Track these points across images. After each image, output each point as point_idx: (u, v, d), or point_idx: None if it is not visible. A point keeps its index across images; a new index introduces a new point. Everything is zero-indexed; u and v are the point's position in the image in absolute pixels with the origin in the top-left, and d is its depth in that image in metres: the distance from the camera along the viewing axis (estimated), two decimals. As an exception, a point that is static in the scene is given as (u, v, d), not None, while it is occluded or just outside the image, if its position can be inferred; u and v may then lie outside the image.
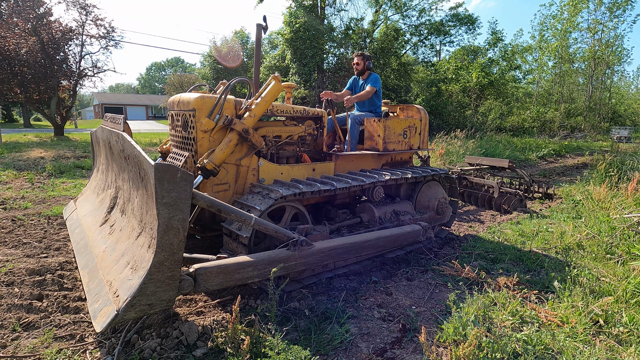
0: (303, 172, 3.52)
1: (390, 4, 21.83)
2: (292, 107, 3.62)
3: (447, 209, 4.43)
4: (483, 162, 7.76)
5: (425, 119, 4.53)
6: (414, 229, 3.61)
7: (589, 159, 13.83)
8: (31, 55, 14.11)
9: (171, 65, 75.39)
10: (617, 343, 2.44)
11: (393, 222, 3.81)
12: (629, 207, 5.11)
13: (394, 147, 4.21)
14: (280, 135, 3.59)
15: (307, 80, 17.71)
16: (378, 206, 3.86)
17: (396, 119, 4.22)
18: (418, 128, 4.45)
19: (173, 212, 1.87)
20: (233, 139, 2.96)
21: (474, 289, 3.17)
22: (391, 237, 3.40)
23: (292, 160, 3.74)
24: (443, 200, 4.34)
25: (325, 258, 2.85)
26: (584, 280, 3.26)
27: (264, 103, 3.11)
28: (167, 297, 1.97)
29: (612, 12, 29.19)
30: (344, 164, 3.92)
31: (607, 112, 33.92)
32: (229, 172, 3.09)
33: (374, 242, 3.23)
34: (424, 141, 4.56)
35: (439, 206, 4.30)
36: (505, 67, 23.22)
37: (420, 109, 4.55)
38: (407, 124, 4.31)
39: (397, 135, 4.20)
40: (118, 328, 2.50)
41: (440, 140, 12.96)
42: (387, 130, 4.11)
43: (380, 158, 4.31)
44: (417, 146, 4.48)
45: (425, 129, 4.56)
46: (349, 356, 2.31)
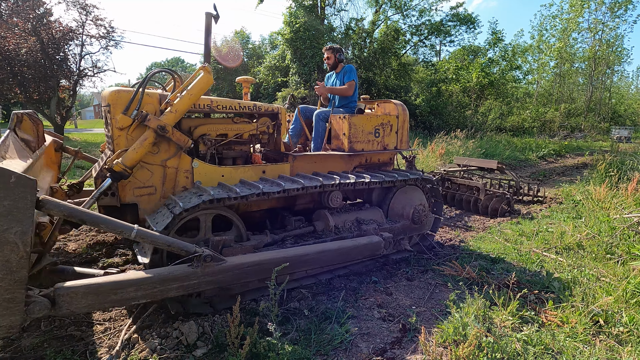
0: (250, 174, 3.18)
1: (390, 4, 21.84)
2: (239, 102, 3.24)
3: (427, 218, 3.99)
4: (471, 163, 7.36)
5: (403, 116, 4.01)
6: (371, 241, 3.15)
7: (589, 159, 13.83)
8: (31, 55, 14.10)
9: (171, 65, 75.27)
10: (617, 343, 2.44)
11: (353, 231, 3.42)
12: (629, 207, 5.11)
13: (362, 147, 3.74)
14: (227, 134, 3.24)
15: (307, 80, 17.71)
16: (336, 213, 3.50)
17: (365, 116, 3.78)
18: (394, 126, 3.95)
19: (8, 223, 1.60)
20: (149, 137, 2.62)
21: (474, 289, 3.17)
22: (340, 250, 2.96)
23: (240, 161, 3.40)
24: (420, 207, 3.87)
25: (243, 275, 2.46)
26: (584, 280, 3.26)
27: (189, 97, 2.74)
28: (8, 323, 1.68)
29: (613, 11, 29.20)
30: (305, 165, 3.54)
31: (607, 112, 33.92)
32: (154, 174, 2.79)
33: (314, 257, 2.81)
34: (402, 140, 4.06)
35: (415, 214, 3.83)
36: (505, 67, 23.23)
37: (399, 104, 4.05)
38: (379, 121, 3.83)
39: (367, 134, 3.75)
40: (119, 328, 2.50)
41: (440, 140, 12.96)
42: (353, 128, 3.66)
43: (350, 159, 3.87)
44: (393, 146, 3.99)
45: (404, 126, 4.05)
46: (349, 356, 2.31)
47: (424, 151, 10.96)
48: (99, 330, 2.47)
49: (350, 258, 3.13)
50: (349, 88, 4.09)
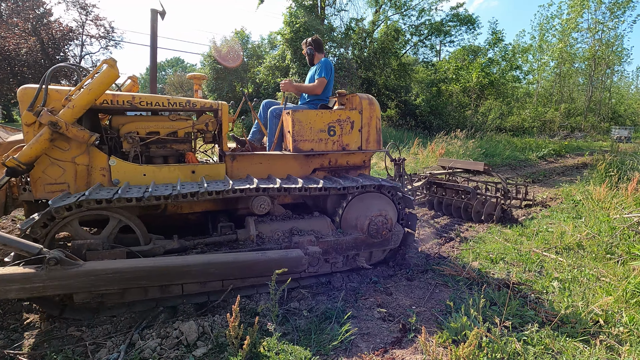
0: (177, 174, 3.02)
1: (390, 4, 21.85)
2: (168, 98, 3.08)
3: (391, 231, 3.45)
4: (456, 165, 6.87)
5: (370, 112, 3.57)
6: (286, 256, 2.79)
7: (589, 159, 13.83)
8: (31, 55, 14.12)
9: (171, 65, 75.36)
10: (617, 343, 2.44)
11: (281, 243, 3.06)
12: (629, 207, 5.11)
13: (312, 147, 3.37)
14: (158, 132, 3.12)
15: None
16: (267, 222, 3.17)
17: (314, 111, 3.42)
18: (357, 123, 3.51)
19: None
20: (44, 134, 2.56)
21: (474, 289, 3.17)
22: (236, 263, 2.65)
23: (171, 160, 3.26)
24: (379, 219, 3.34)
25: (100, 283, 2.33)
26: (584, 280, 3.27)
27: (88, 93, 2.63)
28: None
29: (613, 12, 29.23)
30: (247, 166, 3.30)
31: (607, 112, 33.95)
32: (66, 171, 2.76)
33: (200, 268, 2.54)
34: (369, 140, 3.60)
35: (372, 226, 3.31)
36: (505, 67, 23.24)
37: (364, 98, 3.59)
38: (334, 117, 3.42)
39: (317, 132, 3.37)
40: (119, 328, 2.51)
41: (440, 140, 12.97)
42: (298, 125, 3.29)
43: (307, 161, 3.52)
44: (355, 146, 3.55)
45: (372, 124, 3.59)
46: (349, 356, 2.31)
47: (424, 151, 10.97)
48: (99, 330, 2.47)
49: (255, 273, 2.77)
50: (317, 86, 3.77)
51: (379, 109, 3.66)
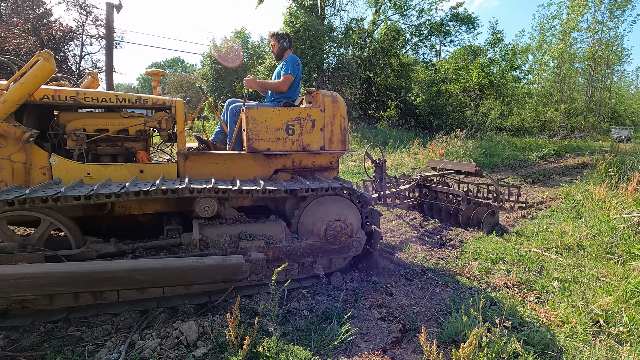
0: (124, 173, 2.89)
1: (390, 4, 21.85)
2: (116, 94, 2.94)
3: (351, 237, 3.21)
4: (447, 166, 6.59)
5: (333, 110, 3.34)
6: (224, 262, 2.60)
7: (589, 159, 13.83)
8: (31, 55, 14.10)
9: (171, 65, 75.44)
10: (617, 343, 2.44)
11: (228, 248, 2.87)
12: (629, 207, 5.11)
13: (268, 147, 3.16)
14: (107, 129, 3.00)
15: (307, 80, 17.72)
16: (214, 225, 2.99)
17: (270, 109, 3.21)
18: (318, 121, 3.29)
19: None
20: None
21: (474, 289, 3.17)
22: (167, 270, 2.45)
23: (121, 159, 3.14)
24: (337, 223, 3.12)
25: (13, 288, 2.22)
26: (584, 280, 3.27)
27: (20, 87, 2.53)
28: None
29: (612, 12, 29.24)
30: (202, 166, 3.14)
31: (607, 112, 33.97)
32: (3, 169, 2.69)
33: (124, 275, 2.37)
34: (333, 140, 3.38)
35: (329, 231, 3.10)
36: (505, 66, 23.25)
37: (328, 95, 3.37)
38: (292, 115, 3.21)
39: (274, 131, 3.16)
40: (119, 328, 2.51)
41: (440, 140, 12.97)
42: (252, 123, 3.10)
43: (268, 161, 3.33)
44: (317, 146, 3.32)
45: (335, 123, 3.36)
46: (349, 356, 2.31)
47: (424, 151, 10.97)
48: (100, 330, 2.47)
49: (190, 280, 2.61)
50: (282, 83, 3.59)
51: (344, 107, 3.42)
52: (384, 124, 19.59)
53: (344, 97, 18.23)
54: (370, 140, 14.19)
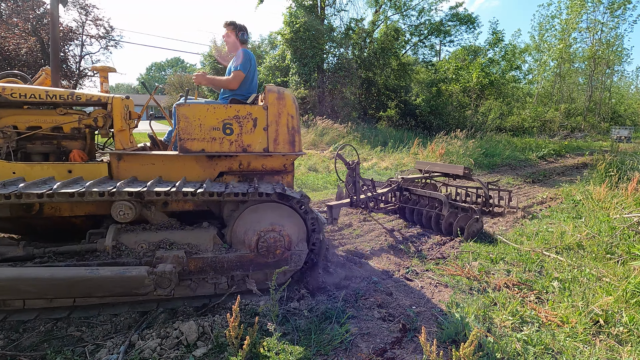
0: (51, 172, 2.77)
1: (390, 4, 21.87)
2: (46, 90, 2.80)
3: (289, 250, 2.91)
4: (434, 168, 6.31)
5: (278, 107, 3.03)
6: (122, 275, 2.39)
7: (589, 159, 13.84)
8: (31, 55, 14.11)
9: (171, 65, 75.51)
10: (617, 343, 2.44)
11: (143, 257, 2.65)
12: (629, 207, 5.11)
13: (202, 147, 2.92)
14: (40, 126, 2.89)
15: (307, 80, 17.73)
16: (134, 231, 2.76)
17: (205, 106, 2.95)
18: (260, 120, 2.99)
19: None
20: None
21: (474, 289, 3.17)
22: (51, 281, 2.28)
23: (53, 158, 3.00)
24: (271, 234, 2.83)
25: None
26: (584, 280, 3.27)
27: None
28: None
29: (612, 11, 29.26)
30: (137, 167, 2.94)
31: (607, 112, 33.98)
32: None
33: (7, 285, 2.21)
34: (278, 140, 3.06)
35: (261, 243, 2.82)
36: (505, 66, 23.27)
37: (273, 91, 3.05)
38: (230, 113, 2.94)
39: (210, 130, 2.92)
40: (119, 329, 2.51)
41: (440, 140, 12.97)
42: (184, 122, 2.89)
43: (212, 163, 3.07)
44: (260, 147, 3.02)
45: (281, 122, 3.04)
46: (349, 356, 2.31)
47: (424, 151, 10.98)
48: (100, 330, 2.47)
49: (84, 292, 2.40)
50: (232, 79, 3.34)
51: (293, 104, 3.08)
52: (384, 124, 19.60)
53: (343, 97, 18.34)
54: (370, 140, 14.19)
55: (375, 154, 12.07)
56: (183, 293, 2.80)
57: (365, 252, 4.14)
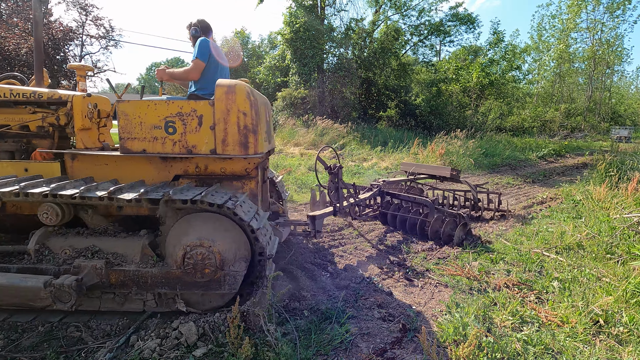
0: (9, 170, 2.77)
1: (390, 4, 21.88)
2: (10, 89, 2.80)
3: (220, 269, 2.47)
4: (420, 169, 5.98)
5: (227, 103, 2.64)
6: (17, 284, 2.26)
7: (589, 159, 13.84)
8: (31, 55, 14.12)
9: (171, 65, 75.42)
10: (617, 343, 2.44)
11: (63, 264, 2.50)
12: (629, 207, 5.11)
13: (144, 147, 2.69)
14: (9, 125, 2.88)
15: (307, 80, 17.74)
16: (64, 235, 2.62)
17: (145, 102, 2.69)
18: (206, 118, 2.66)
19: None
20: None
21: (474, 289, 3.17)
22: None
23: (18, 156, 3.01)
24: (199, 250, 2.43)
25: None
26: (584, 280, 3.27)
27: None
28: None
29: (612, 11, 29.28)
30: (90, 167, 2.83)
31: (607, 112, 33.99)
32: None
33: None
34: (227, 141, 2.68)
35: (188, 259, 2.44)
36: (505, 66, 23.28)
37: (222, 85, 2.67)
38: (172, 110, 2.66)
39: (151, 128, 2.67)
40: (118, 330, 2.50)
41: (440, 140, 12.97)
42: (124, 120, 2.67)
43: (167, 165, 2.83)
44: (206, 148, 2.70)
45: (231, 120, 2.66)
46: (349, 356, 2.31)
47: (424, 151, 10.98)
48: (99, 332, 2.47)
49: None
50: (190, 70, 3.10)
51: (246, 99, 2.68)
52: (384, 124, 19.60)
53: (343, 97, 18.34)
54: (370, 141, 14.19)
55: (375, 154, 12.07)
56: (109, 306, 2.59)
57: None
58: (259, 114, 2.79)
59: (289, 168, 8.74)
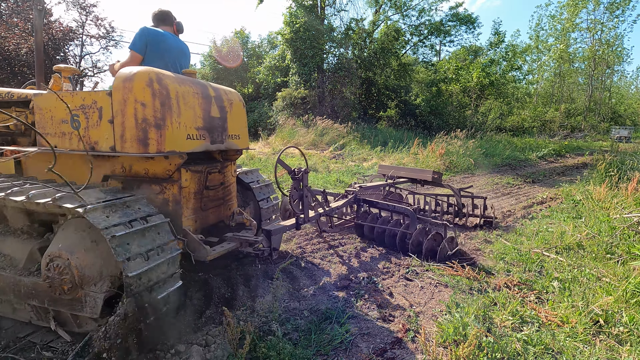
0: None
1: (390, 4, 21.89)
2: None
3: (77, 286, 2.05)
4: (399, 173, 5.49)
5: (124, 93, 2.30)
6: None
7: (589, 159, 13.85)
8: (31, 55, 14.12)
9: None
10: (617, 343, 2.44)
11: None
12: (629, 207, 5.11)
13: (55, 143, 2.49)
14: None
15: (307, 80, 17.74)
16: None
17: (53, 95, 2.46)
18: (105, 110, 2.36)
19: None
20: None
21: (474, 289, 3.17)
22: None
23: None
24: (58, 262, 2.03)
25: None
26: (584, 280, 3.27)
27: None
28: None
29: (612, 11, 29.30)
30: (38, 164, 2.76)
31: (607, 112, 34.00)
32: None
33: None
34: (125, 137, 2.33)
35: (47, 271, 2.06)
36: (505, 67, 23.30)
37: (122, 73, 2.36)
38: (76, 102, 2.42)
39: (60, 123, 2.46)
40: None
41: (440, 140, 12.97)
42: (39, 114, 2.51)
43: (97, 163, 2.61)
44: (107, 145, 2.38)
45: (127, 112, 2.30)
46: (349, 356, 2.31)
47: (424, 151, 10.98)
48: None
49: None
50: (125, 64, 2.89)
51: (147, 88, 2.29)
52: (384, 124, 19.61)
53: (343, 97, 18.37)
54: (370, 141, 14.19)
55: (375, 154, 12.07)
56: (2, 311, 2.37)
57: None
58: (170, 106, 2.37)
59: (289, 168, 8.73)
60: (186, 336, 2.37)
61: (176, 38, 3.22)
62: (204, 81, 2.88)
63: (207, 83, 2.88)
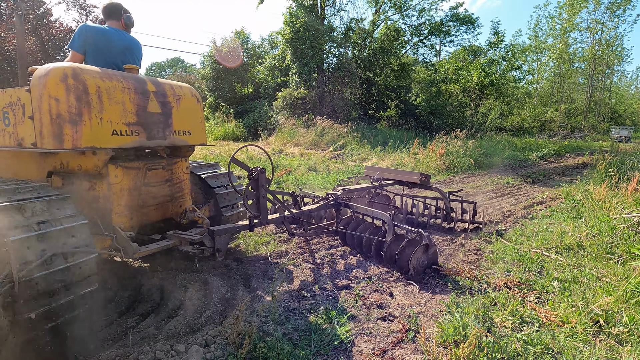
0: None
1: (390, 4, 21.90)
2: None
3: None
4: (386, 175, 5.23)
5: (40, 89, 2.27)
6: None
7: (589, 159, 13.84)
8: (31, 55, 14.12)
9: (171, 65, 75.46)
10: (617, 343, 2.44)
11: None
12: (629, 207, 5.11)
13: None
14: None
15: (307, 80, 17.74)
16: None
17: None
18: (27, 106, 2.36)
19: None
20: None
21: (474, 289, 3.17)
22: None
23: None
24: None
25: None
26: (584, 280, 3.27)
27: None
28: None
29: (612, 11, 29.32)
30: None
31: (607, 112, 34.01)
32: None
33: None
34: (43, 133, 2.29)
35: None
36: (505, 67, 23.31)
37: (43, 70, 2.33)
38: (5, 99, 2.47)
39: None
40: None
41: (440, 140, 12.97)
42: None
43: (42, 159, 2.64)
44: (29, 141, 2.39)
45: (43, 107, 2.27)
46: (349, 356, 2.31)
47: (424, 151, 10.98)
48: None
49: None
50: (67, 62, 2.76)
51: (61, 83, 2.28)
52: (384, 124, 19.61)
53: (343, 97, 18.37)
54: (370, 141, 14.20)
55: (375, 154, 12.07)
56: None
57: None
58: (88, 101, 2.35)
59: (289, 168, 8.75)
60: (186, 336, 2.38)
61: (122, 33, 3.09)
62: (143, 76, 2.81)
63: (148, 78, 2.82)
